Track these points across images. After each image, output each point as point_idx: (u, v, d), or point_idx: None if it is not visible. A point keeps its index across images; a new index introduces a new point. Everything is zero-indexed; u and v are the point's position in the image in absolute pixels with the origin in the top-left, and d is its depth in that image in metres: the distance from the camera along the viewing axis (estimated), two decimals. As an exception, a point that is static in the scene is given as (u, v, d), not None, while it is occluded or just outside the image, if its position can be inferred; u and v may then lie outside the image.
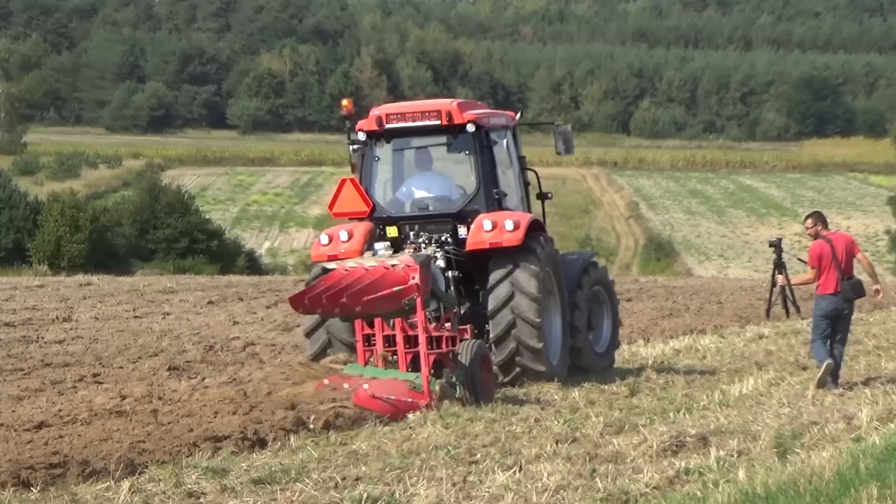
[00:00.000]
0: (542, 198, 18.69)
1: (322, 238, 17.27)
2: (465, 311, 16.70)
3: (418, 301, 14.18)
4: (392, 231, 17.32)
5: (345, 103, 17.58)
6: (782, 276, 17.20)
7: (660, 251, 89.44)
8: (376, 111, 17.61)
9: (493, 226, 16.82)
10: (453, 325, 15.30)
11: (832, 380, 16.23)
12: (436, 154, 18.01)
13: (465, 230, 17.16)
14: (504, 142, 17.96)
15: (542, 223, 17.89)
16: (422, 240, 17.14)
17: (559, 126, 18.82)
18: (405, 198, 17.81)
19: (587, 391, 16.12)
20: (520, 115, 18.99)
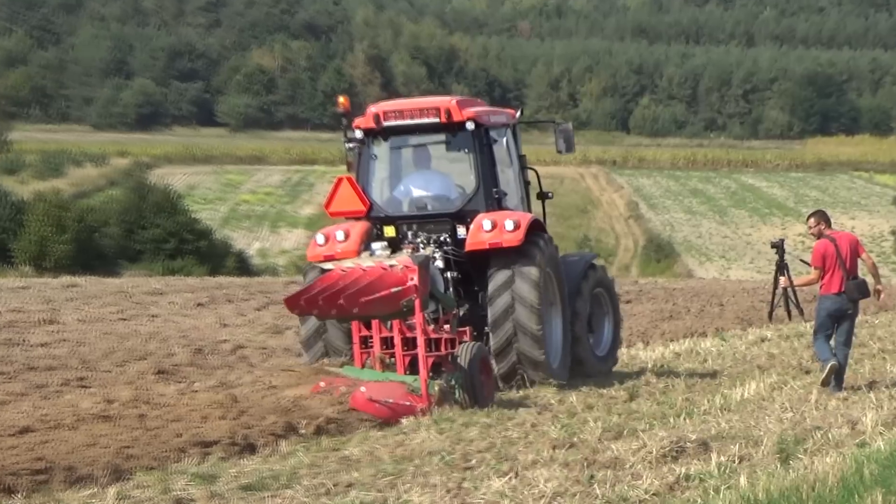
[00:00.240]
0: (543, 197, 18.56)
1: (318, 238, 17.14)
2: (464, 312, 16.58)
3: (417, 302, 14.03)
4: (390, 231, 17.19)
5: (341, 100, 17.43)
6: (784, 278, 17.06)
7: (660, 252, 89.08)
8: (374, 108, 17.45)
9: (493, 226, 16.68)
10: (452, 327, 15.17)
11: (836, 383, 16.07)
12: (434, 152, 17.86)
13: (464, 230, 17.02)
14: (504, 140, 17.80)
15: (543, 223, 17.76)
16: (420, 240, 17.00)
17: (560, 124, 18.68)
18: (403, 197, 17.65)
19: (585, 395, 16.00)
20: (520, 113, 18.83)
